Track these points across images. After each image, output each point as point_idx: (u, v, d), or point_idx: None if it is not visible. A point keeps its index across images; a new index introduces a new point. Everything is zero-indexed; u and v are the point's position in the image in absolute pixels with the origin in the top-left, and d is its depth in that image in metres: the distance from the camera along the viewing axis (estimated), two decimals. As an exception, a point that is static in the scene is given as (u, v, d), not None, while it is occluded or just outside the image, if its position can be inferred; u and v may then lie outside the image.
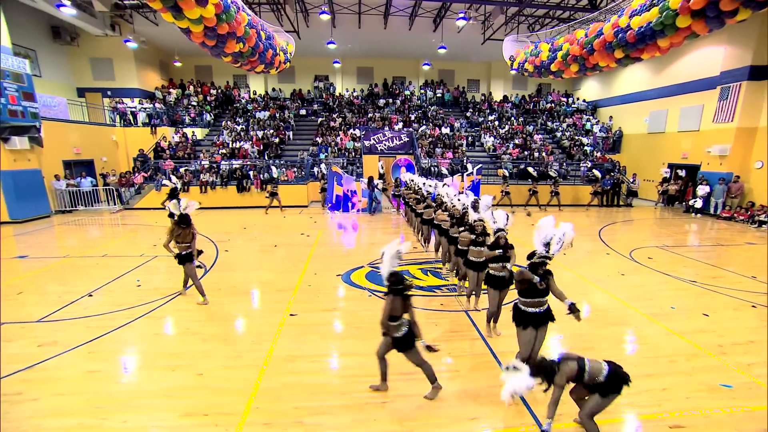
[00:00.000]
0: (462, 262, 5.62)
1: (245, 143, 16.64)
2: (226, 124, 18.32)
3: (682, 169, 15.28)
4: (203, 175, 14.62)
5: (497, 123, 20.07)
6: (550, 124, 20.51)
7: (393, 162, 16.55)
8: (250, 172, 14.99)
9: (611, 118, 19.80)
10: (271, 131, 17.87)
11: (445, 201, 7.12)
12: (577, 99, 22.30)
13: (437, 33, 16.96)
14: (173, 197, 9.63)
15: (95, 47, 17.29)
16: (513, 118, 20.66)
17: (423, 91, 21.97)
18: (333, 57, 20.48)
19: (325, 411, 3.50)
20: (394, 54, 21.18)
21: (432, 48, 18.31)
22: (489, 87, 22.98)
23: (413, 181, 10.18)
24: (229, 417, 3.38)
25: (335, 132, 18.24)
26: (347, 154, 16.95)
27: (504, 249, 4.60)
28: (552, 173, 15.77)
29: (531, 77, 15.55)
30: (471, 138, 18.95)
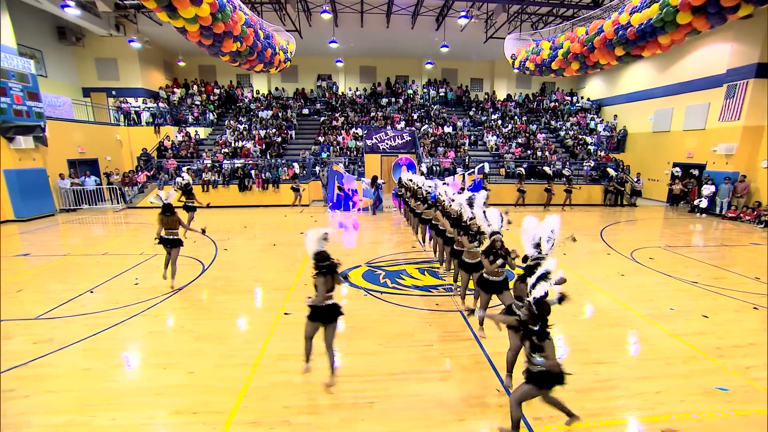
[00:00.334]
0: (457, 263, 5.57)
1: (248, 142, 16.71)
2: (229, 123, 18.40)
3: (694, 169, 15.04)
4: (205, 174, 14.70)
5: (500, 122, 19.94)
6: (553, 123, 20.32)
7: (394, 161, 16.50)
8: (251, 171, 15.06)
9: (616, 116, 19.55)
10: (274, 130, 17.93)
11: (443, 200, 7.06)
12: (582, 97, 22.04)
13: (440, 32, 16.86)
14: (186, 193, 10.01)
15: (100, 47, 17.45)
16: (516, 117, 20.52)
17: (426, 90, 21.90)
18: (335, 56, 20.46)
19: (314, 410, 3.50)
20: (396, 53, 21.10)
21: (434, 47, 18.22)
22: (492, 86, 22.83)
23: (411, 181, 10.14)
24: (218, 415, 3.39)
25: (337, 131, 18.25)
26: (349, 153, 16.96)
27: (504, 255, 4.40)
28: (566, 172, 15.67)
29: (533, 76, 15.42)
30: (473, 137, 18.85)
